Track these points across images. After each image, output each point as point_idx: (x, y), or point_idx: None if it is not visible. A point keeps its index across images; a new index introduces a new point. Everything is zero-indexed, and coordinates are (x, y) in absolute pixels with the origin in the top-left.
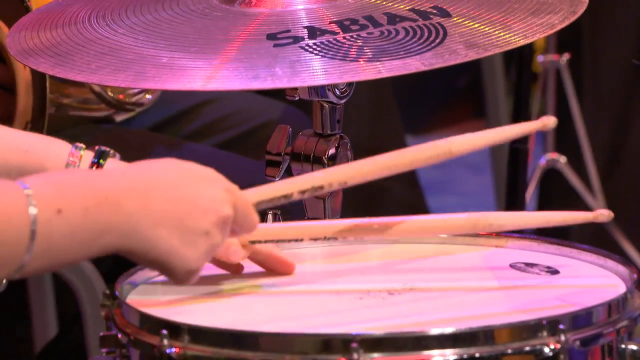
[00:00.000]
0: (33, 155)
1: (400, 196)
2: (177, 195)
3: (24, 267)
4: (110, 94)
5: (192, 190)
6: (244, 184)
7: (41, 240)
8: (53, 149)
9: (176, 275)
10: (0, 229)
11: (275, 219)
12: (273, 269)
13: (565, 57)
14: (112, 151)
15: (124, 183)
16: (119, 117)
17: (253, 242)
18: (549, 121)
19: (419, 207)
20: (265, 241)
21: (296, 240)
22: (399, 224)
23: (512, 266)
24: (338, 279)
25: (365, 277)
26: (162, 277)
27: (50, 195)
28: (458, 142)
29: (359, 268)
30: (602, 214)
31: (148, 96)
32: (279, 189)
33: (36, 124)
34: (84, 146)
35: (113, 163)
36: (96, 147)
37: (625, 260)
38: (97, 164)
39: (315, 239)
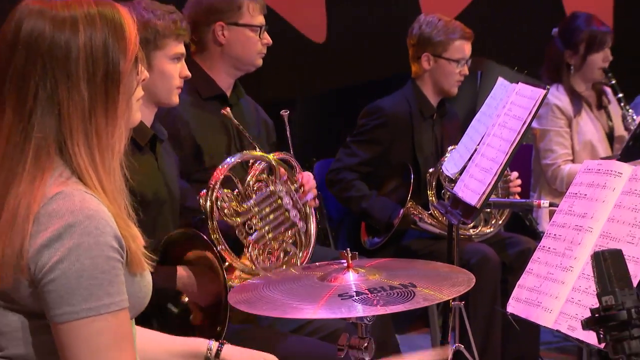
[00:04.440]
0: (192, 348)
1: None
2: None
3: None
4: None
5: None
6: None
7: None
8: (199, 344)
9: None
10: None
11: None
12: None
13: (462, 303)
14: (226, 343)
15: None
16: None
17: None
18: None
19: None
20: None
21: None
22: None
23: None
24: None
25: None
26: None
27: None
28: None
29: None
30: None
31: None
32: None
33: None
34: (214, 342)
35: (228, 347)
36: (220, 341)
37: None
38: (219, 350)
39: None
